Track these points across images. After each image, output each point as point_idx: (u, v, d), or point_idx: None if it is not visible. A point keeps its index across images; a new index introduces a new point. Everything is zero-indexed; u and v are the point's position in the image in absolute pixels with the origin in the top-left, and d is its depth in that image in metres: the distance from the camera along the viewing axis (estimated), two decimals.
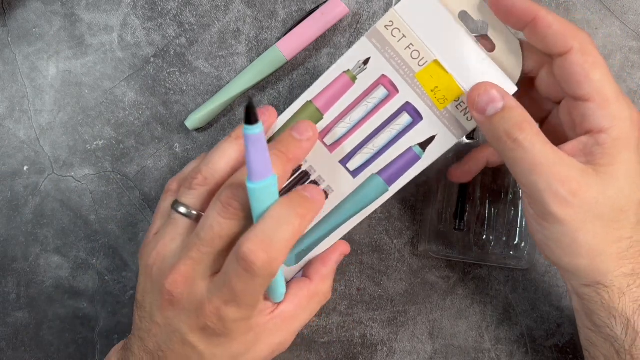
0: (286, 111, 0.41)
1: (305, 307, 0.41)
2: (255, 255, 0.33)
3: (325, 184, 0.41)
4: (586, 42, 0.35)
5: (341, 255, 0.43)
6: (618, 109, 0.35)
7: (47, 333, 0.50)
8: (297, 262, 0.42)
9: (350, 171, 0.41)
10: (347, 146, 0.40)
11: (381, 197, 0.41)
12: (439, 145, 0.39)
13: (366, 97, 0.40)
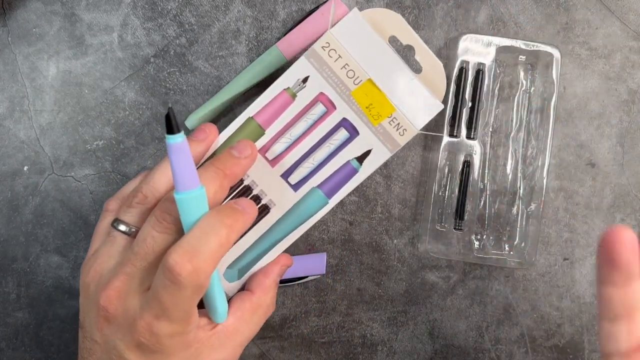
0: (228, 128, 0.43)
1: (248, 320, 0.41)
2: (180, 266, 0.33)
3: (267, 198, 0.42)
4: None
5: (283, 267, 0.43)
6: None
7: (47, 333, 0.50)
8: (239, 278, 0.43)
9: (291, 185, 0.42)
10: (288, 161, 0.42)
11: (321, 210, 0.43)
12: (375, 158, 0.43)
13: (305, 113, 0.42)
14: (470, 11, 0.50)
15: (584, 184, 0.50)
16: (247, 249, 0.43)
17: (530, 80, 0.50)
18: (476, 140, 0.48)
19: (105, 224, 0.41)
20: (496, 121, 0.50)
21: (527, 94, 0.50)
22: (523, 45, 0.48)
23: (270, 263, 0.43)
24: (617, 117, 0.50)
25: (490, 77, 0.48)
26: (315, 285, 0.50)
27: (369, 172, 0.43)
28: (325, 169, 0.42)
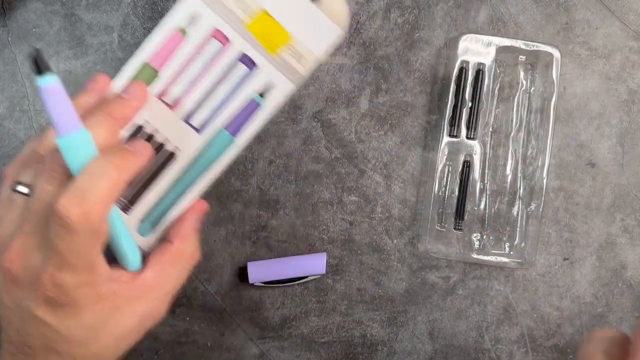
0: (119, 75, 0.40)
1: (169, 271, 0.39)
2: (68, 209, 0.32)
3: (171, 144, 0.40)
4: None
5: (199, 212, 0.41)
6: None
7: None
8: (153, 230, 0.41)
9: (195, 128, 0.40)
10: (188, 103, 0.40)
11: (230, 150, 0.41)
12: (278, 91, 0.40)
13: (200, 51, 0.40)
14: (470, 11, 0.50)
15: (584, 184, 0.50)
16: (158, 199, 0.41)
17: (530, 80, 0.50)
18: (476, 140, 0.48)
19: (6, 191, 0.38)
20: (496, 121, 0.50)
21: (527, 94, 0.50)
22: (523, 45, 0.48)
23: (185, 210, 0.41)
24: (617, 117, 0.50)
25: (490, 77, 0.48)
26: (315, 285, 0.50)
27: (274, 106, 0.41)
28: (228, 107, 0.40)
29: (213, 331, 0.50)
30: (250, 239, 0.50)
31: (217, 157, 0.41)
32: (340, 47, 0.50)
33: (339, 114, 0.50)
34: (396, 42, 0.50)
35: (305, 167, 0.50)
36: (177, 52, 0.40)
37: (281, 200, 0.50)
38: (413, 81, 0.50)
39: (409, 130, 0.50)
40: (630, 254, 0.50)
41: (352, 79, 0.50)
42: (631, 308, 0.50)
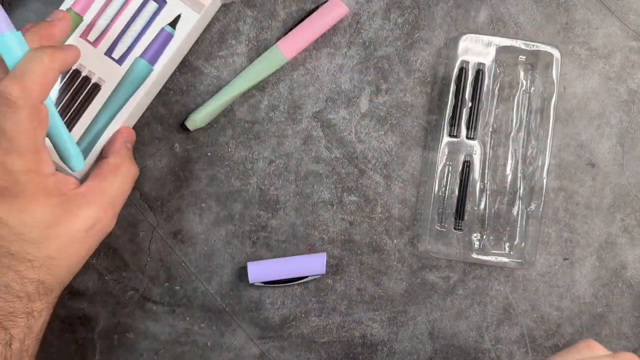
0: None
1: (111, 180, 0.43)
2: (10, 87, 0.36)
3: (95, 76, 0.45)
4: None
5: (126, 134, 0.46)
6: None
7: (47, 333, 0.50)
8: (85, 159, 0.45)
9: (115, 60, 0.45)
10: (108, 38, 0.46)
11: (149, 77, 0.46)
12: (186, 22, 0.46)
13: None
14: (470, 11, 0.50)
15: (584, 184, 0.50)
16: (86, 129, 0.45)
17: (530, 80, 0.50)
18: (476, 140, 0.48)
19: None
20: (496, 121, 0.50)
21: (527, 94, 0.50)
22: (523, 45, 0.48)
23: (114, 133, 0.45)
24: (617, 117, 0.50)
25: (490, 77, 0.48)
26: (315, 285, 0.50)
27: (184, 35, 0.46)
28: (143, 39, 0.46)
29: (213, 331, 0.50)
30: (250, 239, 0.50)
31: (138, 84, 0.46)
32: (340, 47, 0.50)
33: (339, 114, 0.50)
34: (396, 42, 0.50)
35: (305, 167, 0.50)
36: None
37: (281, 200, 0.50)
38: (413, 81, 0.50)
39: (409, 130, 0.50)
40: (630, 254, 0.50)
41: (352, 79, 0.50)
42: (631, 308, 0.50)
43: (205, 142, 0.50)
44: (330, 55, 0.50)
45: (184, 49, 0.48)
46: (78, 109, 0.45)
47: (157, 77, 0.46)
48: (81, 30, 0.45)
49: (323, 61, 0.50)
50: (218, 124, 0.50)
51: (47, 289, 0.39)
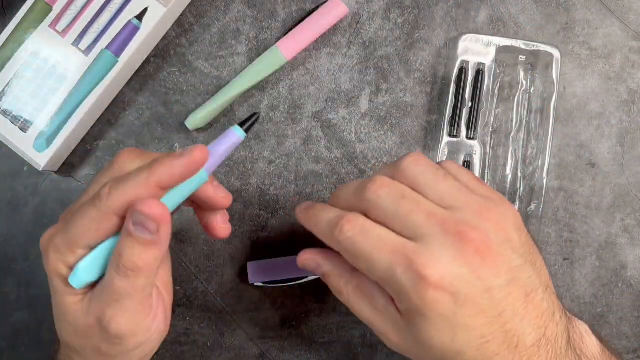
0: (18, 13, 0.46)
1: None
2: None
3: (62, 66, 0.46)
4: None
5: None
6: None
7: (47, 333, 0.50)
8: (48, 146, 0.46)
9: (82, 51, 0.46)
10: (76, 30, 0.46)
11: (114, 69, 0.46)
12: (152, 14, 0.46)
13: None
14: (470, 11, 0.50)
15: (584, 184, 0.50)
16: (51, 118, 0.46)
17: (530, 80, 0.50)
18: (476, 140, 0.48)
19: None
20: (496, 121, 0.50)
21: (527, 94, 0.50)
22: (523, 45, 0.48)
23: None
24: (617, 117, 0.50)
25: (490, 77, 0.48)
26: (316, 285, 0.50)
27: (151, 27, 0.46)
28: (110, 31, 0.46)
29: (213, 331, 0.50)
30: (250, 239, 0.50)
31: (103, 75, 0.46)
32: (340, 47, 0.50)
33: (339, 114, 0.50)
34: (396, 42, 0.50)
35: (305, 167, 0.50)
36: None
37: (281, 200, 0.50)
38: (413, 81, 0.50)
39: (409, 130, 0.50)
40: (630, 254, 0.50)
41: (352, 79, 0.50)
42: (631, 308, 0.50)
43: (205, 142, 0.50)
44: (330, 55, 0.50)
45: (150, 42, 0.48)
46: (43, 98, 0.46)
47: (121, 68, 0.46)
48: (50, 20, 0.46)
49: (323, 61, 0.50)
50: (218, 124, 0.50)
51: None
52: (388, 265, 0.33)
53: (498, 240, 0.33)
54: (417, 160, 0.36)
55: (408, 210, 0.34)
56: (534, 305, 0.33)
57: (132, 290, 0.33)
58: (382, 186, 0.35)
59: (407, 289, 0.32)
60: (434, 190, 0.35)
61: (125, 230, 0.33)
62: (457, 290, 0.32)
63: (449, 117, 0.48)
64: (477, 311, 0.32)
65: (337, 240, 0.35)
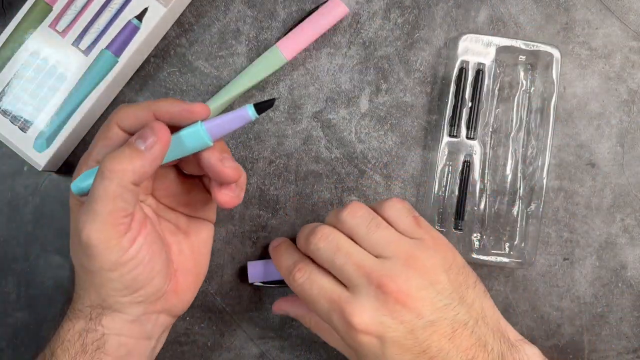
0: (18, 14, 0.46)
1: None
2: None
3: (62, 66, 0.46)
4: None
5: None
6: None
7: (47, 333, 0.50)
8: (48, 146, 0.46)
9: (82, 51, 0.46)
10: (76, 30, 0.46)
11: (114, 69, 0.46)
12: (153, 14, 0.46)
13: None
14: (470, 11, 0.50)
15: (584, 184, 0.50)
16: (51, 118, 0.46)
17: (530, 80, 0.50)
18: (476, 140, 0.48)
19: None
20: (496, 121, 0.50)
21: (527, 94, 0.50)
22: (523, 45, 0.48)
23: None
24: (617, 117, 0.50)
25: (490, 77, 0.48)
26: None
27: (151, 27, 0.46)
28: (110, 31, 0.46)
29: (213, 331, 0.50)
30: (250, 239, 0.50)
31: (103, 75, 0.46)
32: (340, 47, 0.50)
33: (339, 114, 0.50)
34: (396, 42, 0.50)
35: (305, 167, 0.50)
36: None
37: (281, 200, 0.50)
38: (413, 81, 0.50)
39: (409, 130, 0.50)
40: (630, 254, 0.50)
41: (352, 79, 0.50)
42: (631, 308, 0.50)
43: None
44: (330, 55, 0.50)
45: (150, 42, 0.48)
46: (43, 98, 0.46)
47: (121, 68, 0.46)
48: (50, 20, 0.46)
49: (323, 61, 0.50)
50: None
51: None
52: (327, 312, 0.39)
53: (420, 286, 0.37)
54: (354, 211, 0.40)
55: (341, 262, 0.39)
56: (461, 339, 0.37)
57: (104, 194, 0.36)
58: (321, 238, 0.40)
59: (342, 333, 0.38)
60: (366, 240, 0.39)
61: (125, 143, 0.37)
62: (382, 335, 0.37)
63: (449, 117, 0.48)
64: (402, 350, 0.37)
65: (292, 285, 0.41)
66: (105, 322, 0.39)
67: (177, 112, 0.38)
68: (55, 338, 0.40)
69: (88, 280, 0.39)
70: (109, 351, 0.39)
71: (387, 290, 0.37)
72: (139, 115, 0.38)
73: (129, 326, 0.40)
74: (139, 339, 0.41)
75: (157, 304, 0.41)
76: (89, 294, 0.39)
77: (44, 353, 0.41)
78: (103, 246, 0.36)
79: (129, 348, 0.40)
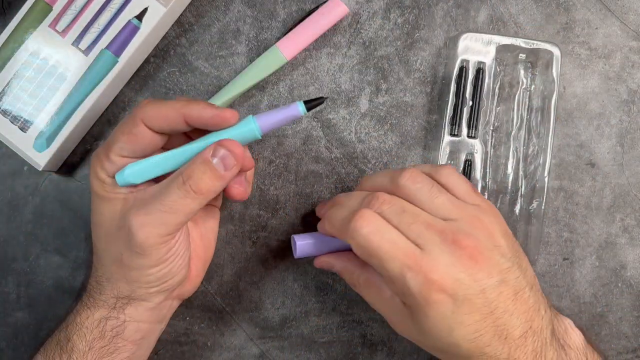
0: (18, 14, 0.46)
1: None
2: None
3: (62, 66, 0.46)
4: None
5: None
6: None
7: (47, 333, 0.50)
8: (48, 146, 0.46)
9: (82, 50, 0.46)
10: (76, 29, 0.46)
11: (114, 69, 0.46)
12: (152, 14, 0.46)
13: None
14: (470, 11, 0.50)
15: (584, 184, 0.50)
16: (51, 118, 0.46)
17: (530, 79, 0.50)
18: (477, 139, 0.48)
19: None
20: (497, 120, 0.50)
21: (527, 92, 0.50)
22: (523, 43, 0.48)
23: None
24: (617, 117, 0.50)
25: (491, 76, 0.48)
26: (315, 285, 0.50)
27: (151, 27, 0.46)
28: (110, 30, 0.46)
29: (213, 331, 0.50)
30: (250, 239, 0.50)
31: (103, 75, 0.46)
32: (340, 47, 0.50)
33: (339, 114, 0.50)
34: (396, 42, 0.50)
35: (305, 167, 0.50)
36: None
37: (281, 200, 0.50)
38: (413, 81, 0.50)
39: (409, 130, 0.50)
40: (630, 254, 0.50)
41: (352, 79, 0.50)
42: (631, 308, 0.50)
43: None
44: (330, 55, 0.50)
45: (150, 42, 0.48)
46: (43, 98, 0.46)
47: (121, 68, 0.47)
48: (50, 20, 0.46)
49: (323, 61, 0.50)
50: None
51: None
52: (399, 268, 0.37)
53: (488, 246, 0.37)
54: (414, 177, 0.40)
55: (409, 221, 0.38)
56: (521, 302, 0.37)
57: (183, 209, 0.38)
58: (383, 202, 0.39)
59: (413, 290, 0.36)
60: (429, 205, 0.39)
61: (202, 157, 0.38)
62: (456, 292, 0.36)
63: (450, 116, 0.48)
64: (472, 310, 0.36)
65: (353, 237, 0.38)
66: (128, 311, 0.41)
67: (210, 118, 0.39)
68: (71, 325, 0.41)
69: (120, 273, 0.40)
70: (127, 336, 0.41)
71: (462, 245, 0.37)
72: (168, 116, 0.39)
73: (149, 313, 0.42)
74: (154, 323, 0.43)
75: (174, 291, 0.43)
76: (116, 286, 0.41)
77: (57, 338, 0.42)
78: (156, 247, 0.39)
79: (145, 332, 0.42)
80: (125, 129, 0.40)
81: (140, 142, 0.39)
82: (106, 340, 0.41)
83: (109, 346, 0.41)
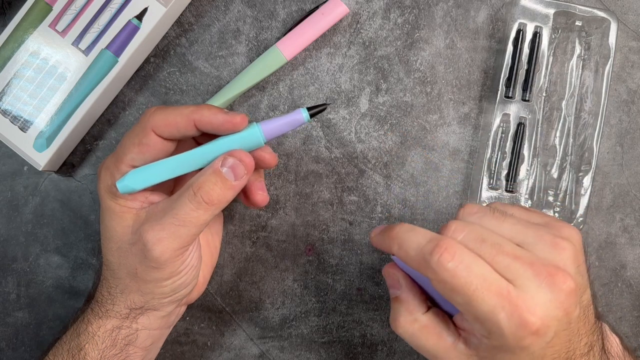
0: (17, 14, 0.46)
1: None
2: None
3: (62, 66, 0.46)
4: None
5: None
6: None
7: (47, 333, 0.50)
8: (48, 146, 0.46)
9: (82, 50, 0.46)
10: (76, 29, 0.46)
11: (114, 69, 0.46)
12: (153, 14, 0.46)
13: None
14: (470, 11, 0.50)
15: None
16: (51, 117, 0.46)
17: (584, 47, 0.49)
18: (531, 102, 0.48)
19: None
20: (550, 86, 0.49)
21: (581, 60, 0.49)
22: (580, 11, 0.47)
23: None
24: (617, 117, 0.50)
25: (546, 41, 0.48)
26: (315, 285, 0.50)
27: (151, 27, 0.46)
28: (110, 30, 0.46)
29: (213, 331, 0.50)
30: (250, 239, 0.50)
31: (103, 75, 0.46)
32: (340, 47, 0.50)
33: (339, 114, 0.50)
34: (396, 42, 0.50)
35: (305, 167, 0.50)
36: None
37: (281, 200, 0.50)
38: (413, 81, 0.50)
39: (408, 130, 0.50)
40: (630, 254, 0.50)
41: (352, 79, 0.50)
42: (631, 308, 0.51)
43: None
44: (330, 55, 0.50)
45: (150, 42, 0.48)
46: (43, 98, 0.46)
47: (121, 68, 0.47)
48: (50, 20, 0.46)
49: (323, 61, 0.50)
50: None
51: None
52: (491, 307, 0.32)
53: (575, 271, 0.34)
54: (470, 208, 0.37)
55: (492, 252, 0.34)
56: (587, 321, 0.36)
57: (196, 221, 0.38)
58: (456, 230, 0.35)
59: (506, 332, 0.32)
60: (499, 230, 0.35)
61: (212, 168, 0.38)
62: (550, 331, 0.33)
63: (505, 78, 0.48)
64: (557, 343, 0.34)
65: (433, 269, 0.33)
66: (141, 320, 0.41)
67: (220, 124, 0.38)
68: (84, 334, 0.41)
69: (135, 286, 0.40)
70: (138, 344, 0.42)
71: (558, 281, 0.33)
72: (178, 123, 0.38)
73: (160, 321, 0.42)
74: (164, 329, 0.44)
75: (184, 299, 0.43)
76: (130, 297, 0.41)
77: (68, 346, 0.41)
78: (172, 261, 0.39)
79: (155, 338, 0.43)
80: (135, 139, 0.39)
81: (152, 151, 0.39)
82: (118, 348, 0.41)
83: (121, 354, 0.41)
